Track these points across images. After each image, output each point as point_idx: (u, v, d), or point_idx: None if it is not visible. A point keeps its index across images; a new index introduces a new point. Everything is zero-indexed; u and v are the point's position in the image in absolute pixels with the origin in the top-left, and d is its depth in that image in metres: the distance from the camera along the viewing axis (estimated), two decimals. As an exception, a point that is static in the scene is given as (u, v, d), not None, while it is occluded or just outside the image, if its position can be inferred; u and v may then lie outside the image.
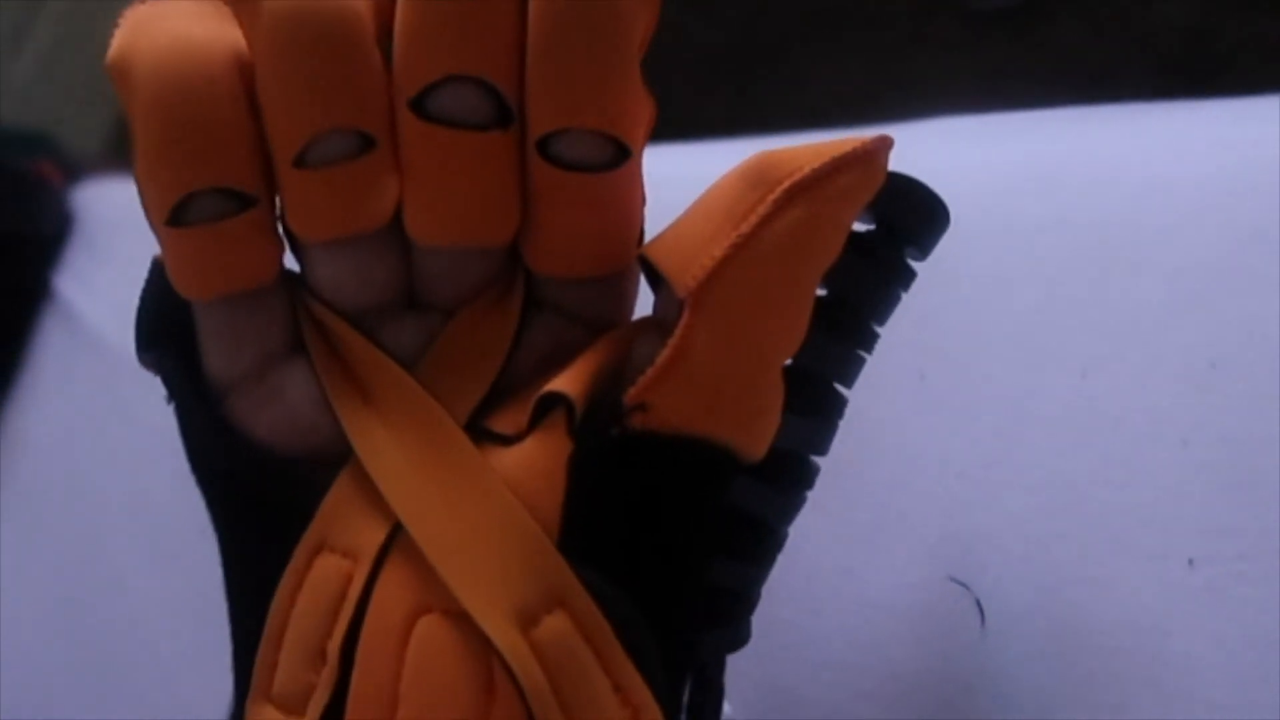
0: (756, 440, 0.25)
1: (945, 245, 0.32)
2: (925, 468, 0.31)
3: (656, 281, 0.25)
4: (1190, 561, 0.26)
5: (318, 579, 0.24)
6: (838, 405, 0.28)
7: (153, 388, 0.26)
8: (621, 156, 0.24)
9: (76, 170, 0.70)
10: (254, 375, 0.25)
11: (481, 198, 0.24)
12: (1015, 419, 0.30)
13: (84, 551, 0.54)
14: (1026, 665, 0.27)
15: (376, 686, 0.23)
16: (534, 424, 0.24)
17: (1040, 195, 0.32)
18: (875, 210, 0.26)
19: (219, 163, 0.23)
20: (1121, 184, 0.31)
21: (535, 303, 0.26)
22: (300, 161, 0.23)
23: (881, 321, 0.28)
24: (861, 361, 0.28)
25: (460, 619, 0.23)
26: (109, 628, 0.51)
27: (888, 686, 0.29)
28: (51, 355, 0.62)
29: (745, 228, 0.23)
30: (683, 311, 0.23)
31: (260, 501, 0.25)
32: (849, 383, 0.28)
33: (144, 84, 0.23)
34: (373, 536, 0.23)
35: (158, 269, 0.25)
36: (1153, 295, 0.29)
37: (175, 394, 0.25)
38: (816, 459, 0.28)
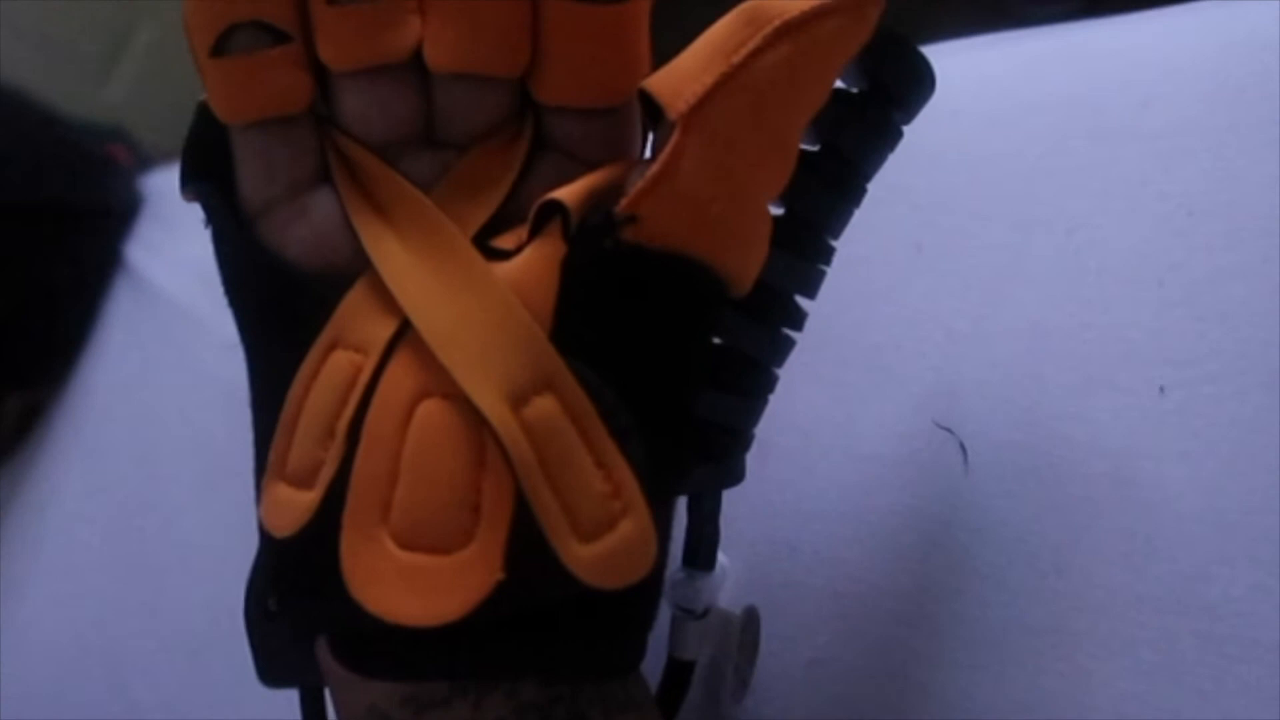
0: (742, 268, 0.26)
1: (943, 129, 0.34)
2: (918, 329, 0.32)
3: (656, 120, 0.27)
4: (1161, 389, 0.27)
5: (330, 371, 0.26)
6: (825, 251, 0.29)
7: (210, 342, 0.28)
8: None
9: (145, 155, 0.75)
10: (284, 199, 0.28)
11: (494, 29, 0.26)
12: (1004, 279, 0.31)
13: (144, 489, 0.57)
14: (1004, 498, 0.28)
15: (379, 461, 0.25)
16: (533, 234, 0.26)
17: (1029, 81, 0.34)
18: (865, 69, 0.28)
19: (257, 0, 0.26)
20: (1103, 70, 0.33)
21: (543, 144, 0.28)
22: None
23: (868, 177, 0.29)
24: (849, 213, 0.29)
25: (458, 402, 0.25)
26: (164, 553, 0.54)
27: (874, 530, 0.30)
28: (121, 315, 0.65)
29: (736, 59, 0.25)
30: (673, 134, 0.25)
31: (285, 314, 0.27)
32: (837, 232, 0.29)
33: None
34: (381, 332, 0.26)
35: (202, 112, 0.28)
36: (1134, 159, 0.30)
37: (213, 218, 0.28)
38: (804, 302, 0.29)
